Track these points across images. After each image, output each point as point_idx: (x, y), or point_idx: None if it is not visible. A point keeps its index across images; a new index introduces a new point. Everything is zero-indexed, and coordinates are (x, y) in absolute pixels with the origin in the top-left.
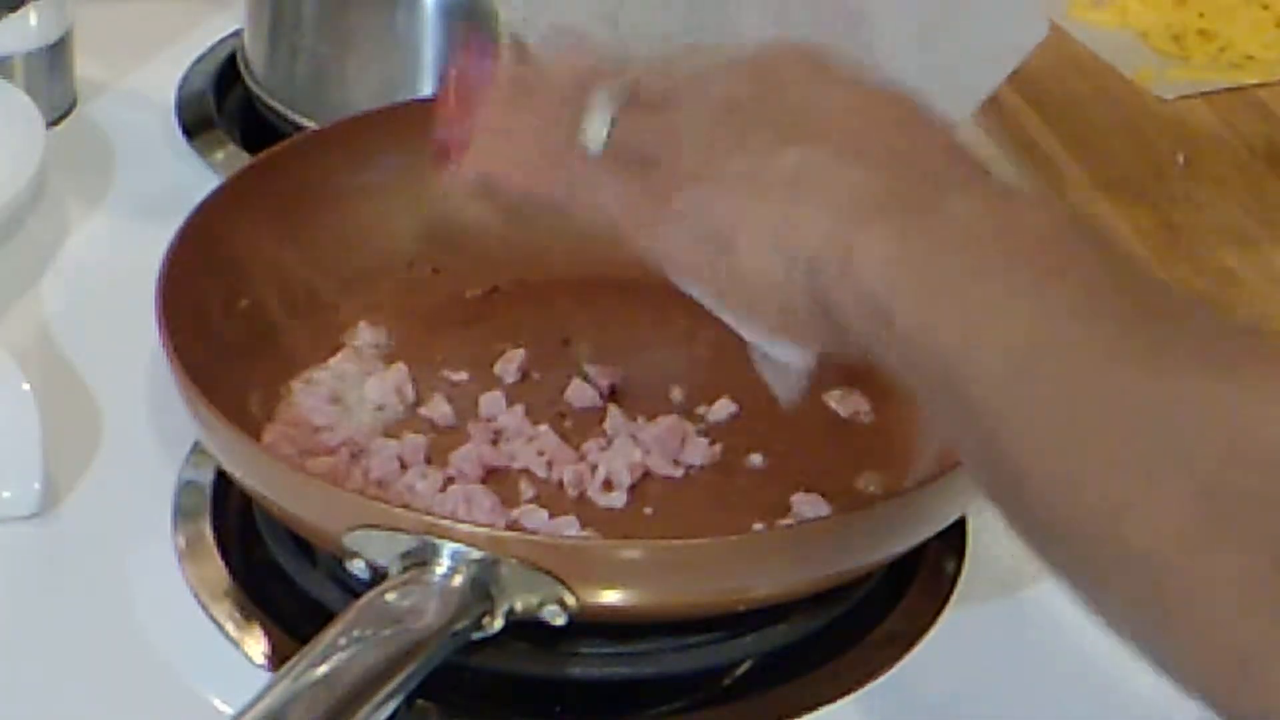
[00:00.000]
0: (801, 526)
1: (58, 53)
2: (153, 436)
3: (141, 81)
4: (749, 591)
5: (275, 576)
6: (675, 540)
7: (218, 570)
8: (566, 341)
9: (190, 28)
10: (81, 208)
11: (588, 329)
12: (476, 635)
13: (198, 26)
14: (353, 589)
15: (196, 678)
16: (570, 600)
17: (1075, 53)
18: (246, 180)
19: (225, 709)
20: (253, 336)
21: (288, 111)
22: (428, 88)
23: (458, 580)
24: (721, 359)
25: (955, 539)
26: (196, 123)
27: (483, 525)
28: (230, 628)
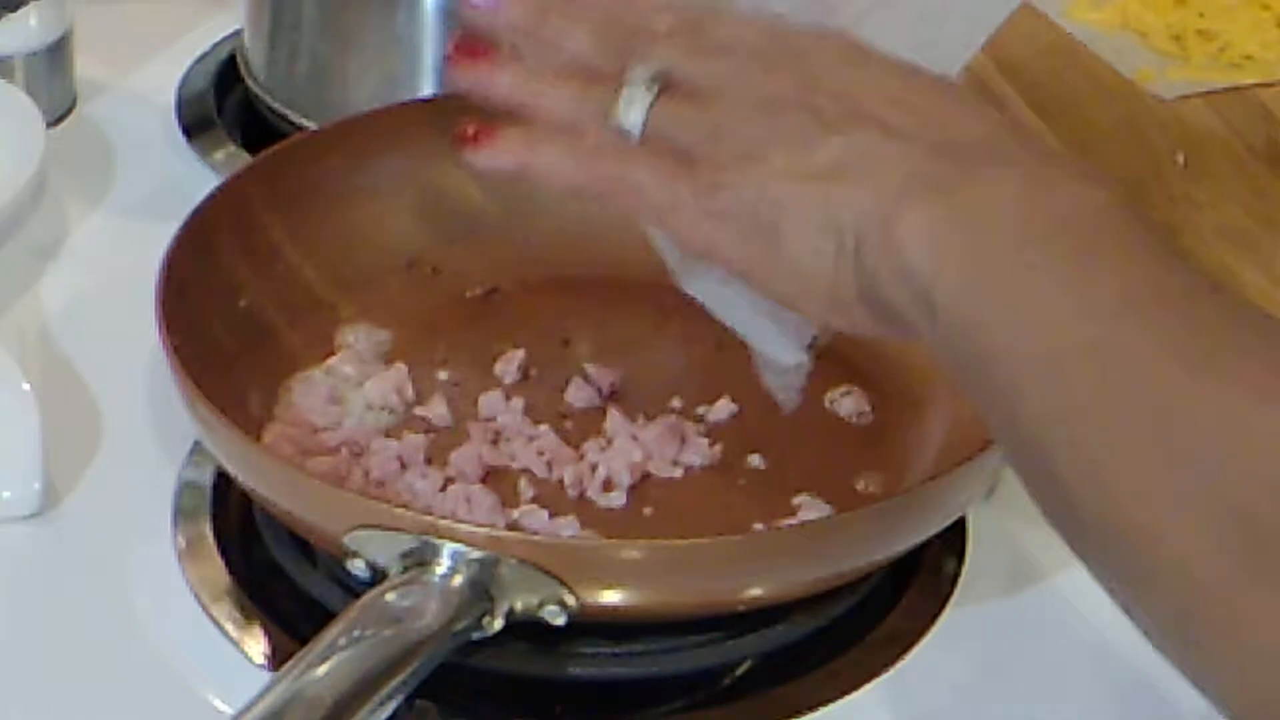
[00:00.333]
0: (801, 526)
1: (58, 53)
2: (153, 436)
3: (141, 81)
4: (749, 591)
5: (275, 576)
6: (675, 540)
7: (218, 570)
8: (566, 341)
9: (190, 28)
10: (81, 208)
11: (588, 329)
12: (476, 635)
13: (198, 26)
14: (353, 589)
15: (196, 678)
16: (570, 600)
17: (1075, 53)
18: (246, 180)
19: (225, 709)
20: (252, 336)
21: (288, 111)
22: (428, 88)
23: (458, 580)
24: (721, 359)
25: (955, 539)
26: (196, 123)
27: (483, 525)
28: (230, 628)
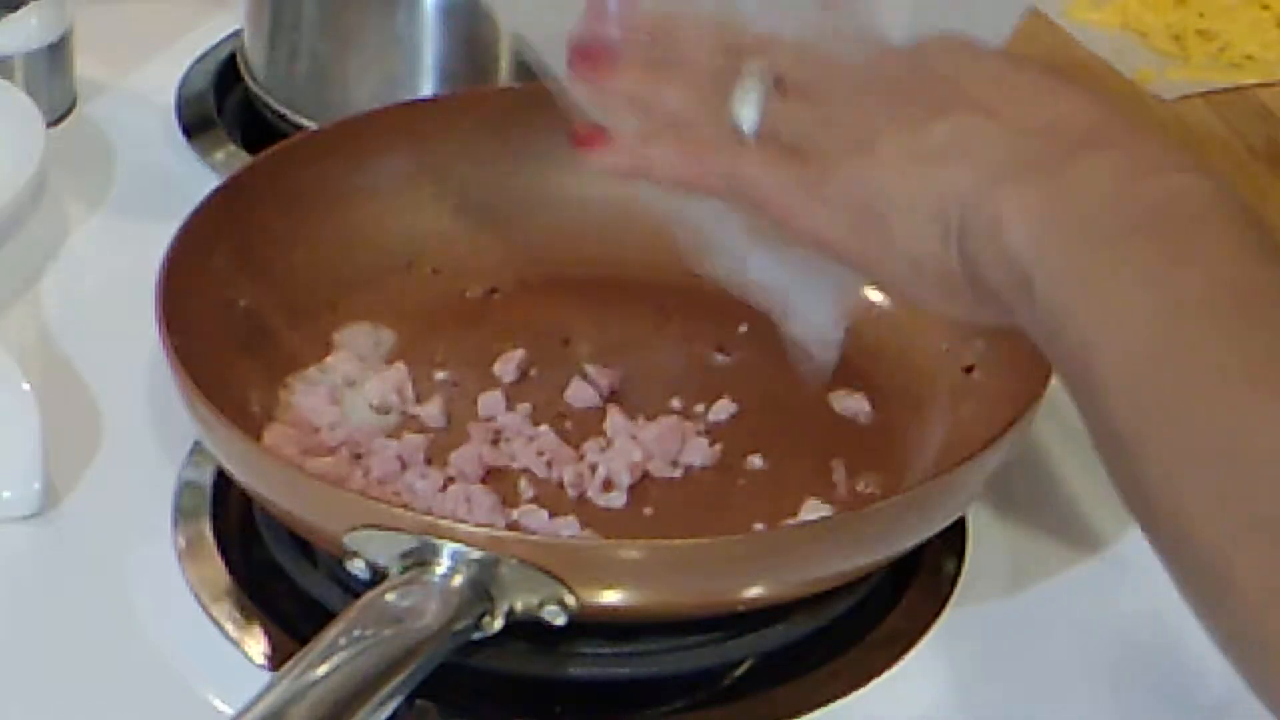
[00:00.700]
0: (801, 526)
1: (58, 53)
2: (153, 436)
3: (141, 81)
4: (749, 591)
5: (275, 576)
6: (675, 540)
7: (218, 570)
8: (566, 341)
9: (190, 28)
10: (81, 208)
11: (588, 329)
12: (476, 635)
13: (198, 26)
14: (353, 589)
15: (196, 678)
16: (570, 600)
17: (1075, 53)
18: (246, 180)
19: (225, 709)
20: (252, 336)
21: (288, 111)
22: (428, 88)
23: (458, 580)
24: (721, 359)
25: (955, 539)
26: (196, 123)
27: (483, 525)
28: (230, 628)
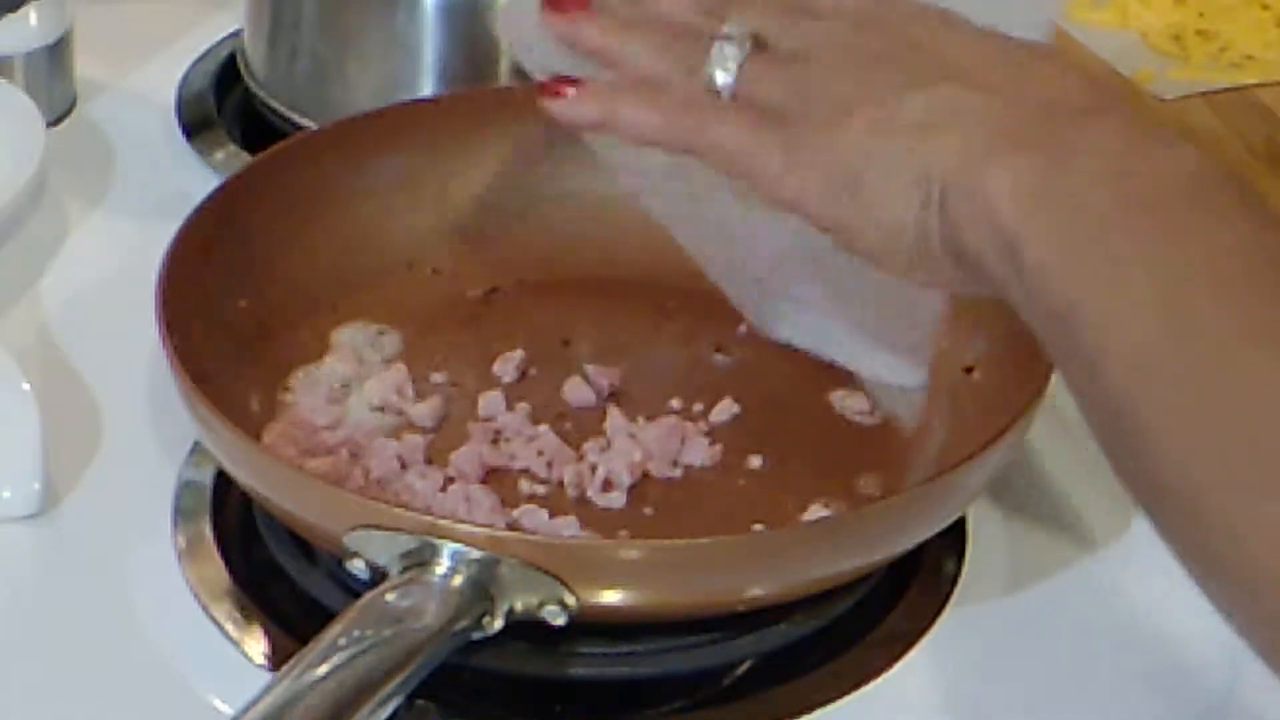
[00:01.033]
0: (801, 526)
1: (58, 53)
2: (153, 436)
3: (141, 81)
4: (749, 591)
5: (275, 576)
6: (675, 540)
7: (218, 570)
8: (566, 341)
9: (190, 28)
10: (81, 208)
11: (588, 329)
12: (476, 635)
13: (198, 26)
14: (353, 589)
15: (196, 678)
16: (570, 600)
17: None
18: (246, 180)
19: (225, 709)
20: (252, 336)
21: (288, 111)
22: (428, 88)
23: (458, 580)
24: (721, 359)
25: (955, 539)
26: (196, 123)
27: (483, 525)
28: (230, 628)
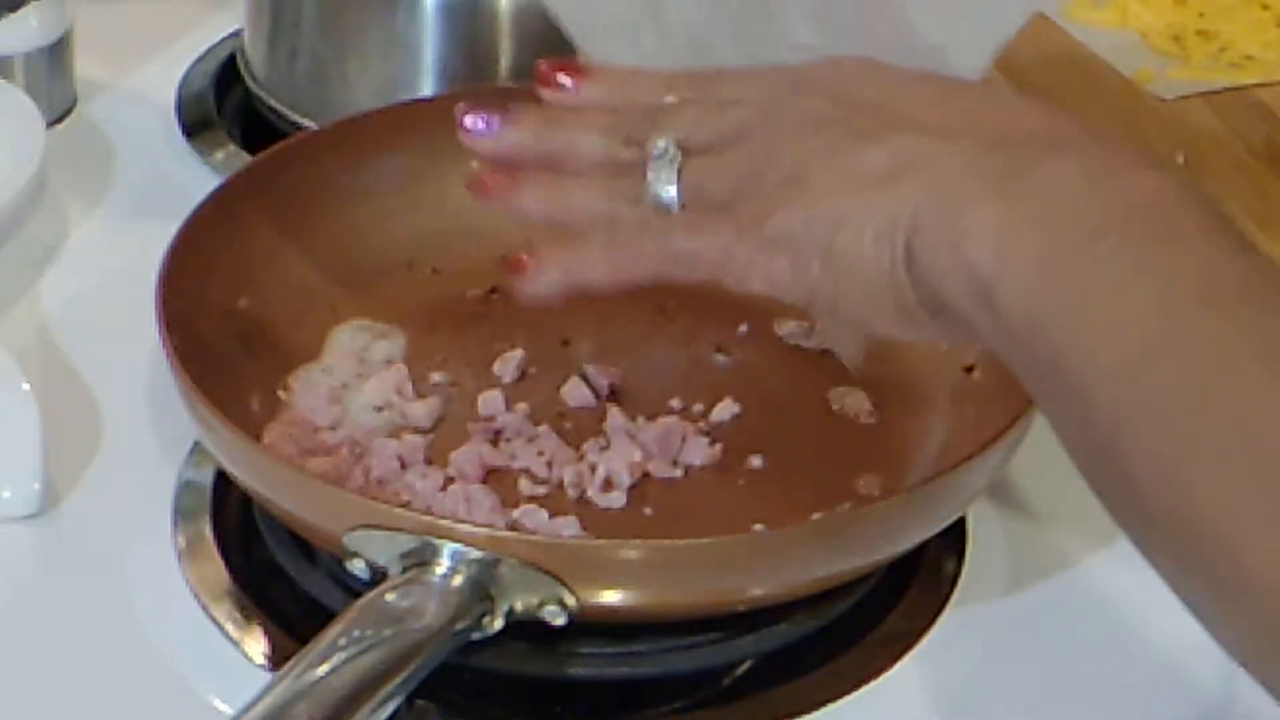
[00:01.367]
0: (801, 526)
1: (58, 53)
2: (153, 436)
3: (141, 81)
4: (749, 591)
5: (275, 576)
6: (675, 540)
7: (218, 570)
8: (566, 341)
9: (190, 28)
10: (81, 208)
11: (588, 329)
12: (476, 635)
13: (198, 26)
14: (353, 589)
15: (196, 678)
16: (570, 600)
17: (1075, 53)
18: (246, 180)
19: (225, 709)
20: (253, 336)
21: (288, 111)
22: (428, 88)
23: (458, 580)
24: (721, 359)
25: (955, 539)
26: (196, 123)
27: (483, 525)
28: (230, 628)
